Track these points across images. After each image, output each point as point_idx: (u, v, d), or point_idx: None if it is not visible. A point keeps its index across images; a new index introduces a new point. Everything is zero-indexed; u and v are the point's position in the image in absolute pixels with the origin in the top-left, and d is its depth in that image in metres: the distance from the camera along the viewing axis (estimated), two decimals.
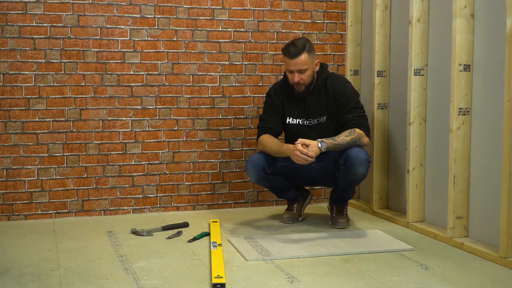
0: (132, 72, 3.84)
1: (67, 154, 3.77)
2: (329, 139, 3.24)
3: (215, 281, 2.46)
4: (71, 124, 3.76)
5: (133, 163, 3.89)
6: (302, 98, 3.45)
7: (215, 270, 2.60)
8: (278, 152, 3.36)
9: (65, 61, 3.73)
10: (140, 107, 3.87)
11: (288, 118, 3.50)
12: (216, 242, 3.06)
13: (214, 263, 2.71)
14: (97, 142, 3.81)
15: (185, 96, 3.94)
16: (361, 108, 3.44)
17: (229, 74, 4.01)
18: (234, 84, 4.02)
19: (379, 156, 3.82)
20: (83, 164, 3.80)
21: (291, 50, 3.33)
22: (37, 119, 3.71)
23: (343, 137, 3.27)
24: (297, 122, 3.48)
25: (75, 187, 3.80)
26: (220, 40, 3.98)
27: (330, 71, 3.57)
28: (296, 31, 4.10)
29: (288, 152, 3.25)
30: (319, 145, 3.19)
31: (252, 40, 4.04)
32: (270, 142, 3.42)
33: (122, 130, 3.85)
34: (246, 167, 3.48)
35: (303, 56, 3.32)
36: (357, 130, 3.31)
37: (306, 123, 3.47)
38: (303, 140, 3.21)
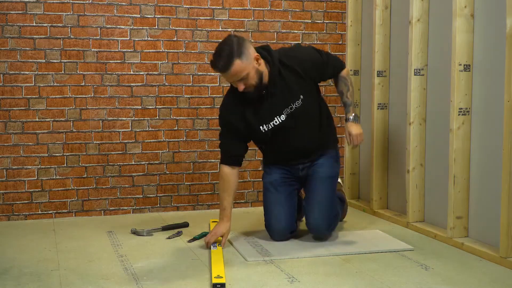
0: (132, 72, 3.84)
1: (67, 154, 3.77)
2: (350, 107, 3.11)
3: (215, 281, 2.46)
4: (71, 124, 3.76)
5: (133, 163, 3.89)
6: (263, 96, 2.98)
7: (215, 270, 2.60)
8: (219, 201, 3.12)
9: (65, 61, 3.73)
10: (140, 107, 3.87)
11: (261, 127, 3.02)
12: (216, 242, 3.06)
13: (214, 263, 2.71)
14: (97, 142, 3.81)
15: (185, 96, 3.94)
16: (326, 55, 3.12)
17: None
18: None
19: (379, 156, 3.82)
20: (83, 164, 3.80)
21: (218, 64, 2.81)
22: (37, 119, 3.71)
23: (347, 95, 3.13)
24: (273, 125, 3.02)
25: (75, 187, 3.80)
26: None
27: (274, 49, 3.04)
28: (296, 31, 4.10)
29: (220, 217, 3.09)
30: (353, 119, 3.09)
31: (252, 40, 4.03)
32: (223, 188, 3.08)
33: (122, 130, 3.85)
34: (268, 228, 3.18)
35: (235, 65, 2.79)
36: (342, 74, 3.16)
37: (284, 117, 3.00)
38: (353, 131, 3.05)
